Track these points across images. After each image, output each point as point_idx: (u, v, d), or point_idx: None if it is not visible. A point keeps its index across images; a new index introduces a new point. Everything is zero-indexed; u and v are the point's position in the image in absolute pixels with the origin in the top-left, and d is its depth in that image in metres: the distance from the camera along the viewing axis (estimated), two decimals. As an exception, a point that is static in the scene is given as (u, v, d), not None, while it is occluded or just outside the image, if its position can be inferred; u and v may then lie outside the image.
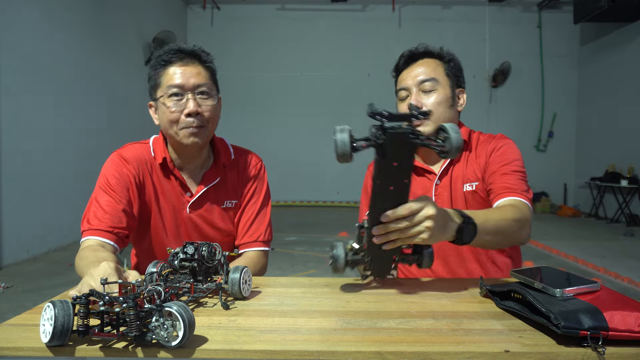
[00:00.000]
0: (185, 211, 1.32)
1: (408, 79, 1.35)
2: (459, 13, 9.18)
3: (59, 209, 5.03)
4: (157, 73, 1.26)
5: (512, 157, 1.30)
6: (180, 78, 1.23)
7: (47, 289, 3.49)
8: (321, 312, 0.88)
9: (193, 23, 9.35)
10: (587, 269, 4.37)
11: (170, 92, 1.22)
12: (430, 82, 1.32)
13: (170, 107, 1.22)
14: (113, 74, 6.28)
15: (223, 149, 1.38)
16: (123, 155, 1.30)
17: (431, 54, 1.37)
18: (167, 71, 1.24)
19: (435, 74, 1.33)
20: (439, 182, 1.36)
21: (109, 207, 1.21)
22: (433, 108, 1.31)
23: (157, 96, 1.26)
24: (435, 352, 0.70)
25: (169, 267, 0.96)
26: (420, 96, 1.32)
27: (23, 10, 4.46)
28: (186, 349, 0.70)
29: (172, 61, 1.25)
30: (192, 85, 1.23)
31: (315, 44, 9.22)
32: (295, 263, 4.46)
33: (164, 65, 1.25)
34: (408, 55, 1.38)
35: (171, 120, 1.23)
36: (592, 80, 8.61)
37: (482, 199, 1.32)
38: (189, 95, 1.23)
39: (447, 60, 1.36)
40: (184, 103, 1.22)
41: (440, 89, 1.32)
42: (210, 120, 1.27)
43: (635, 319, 0.73)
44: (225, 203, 1.36)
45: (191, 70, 1.24)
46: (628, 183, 6.98)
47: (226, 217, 1.37)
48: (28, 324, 0.80)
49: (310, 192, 9.17)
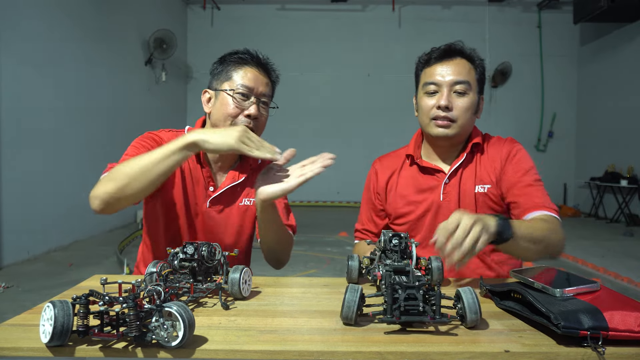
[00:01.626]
0: (205, 205, 1.34)
1: (440, 75, 1.30)
2: (459, 13, 9.17)
3: (59, 209, 5.02)
4: (230, 68, 1.30)
5: (528, 165, 1.32)
6: (254, 82, 1.28)
7: (47, 289, 3.49)
8: (321, 312, 0.88)
9: (193, 23, 9.35)
10: (587, 269, 4.37)
11: (239, 90, 1.27)
12: (464, 84, 1.29)
13: (234, 103, 1.26)
14: (113, 74, 6.27)
15: None
16: (157, 134, 1.33)
17: (465, 54, 1.33)
18: (243, 69, 1.29)
19: (469, 77, 1.30)
20: (447, 181, 1.36)
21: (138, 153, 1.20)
22: (462, 112, 1.29)
23: (221, 87, 1.29)
24: (435, 352, 0.70)
25: (168, 267, 0.96)
26: (452, 97, 1.29)
27: (23, 10, 4.46)
28: (186, 349, 0.70)
29: (249, 62, 1.30)
30: (260, 92, 1.29)
31: (315, 44, 9.22)
32: (295, 263, 4.46)
33: (239, 64, 1.30)
34: (444, 50, 1.32)
35: (230, 115, 1.27)
36: (592, 80, 8.61)
37: (492, 202, 1.33)
38: (254, 100, 1.28)
39: (477, 64, 1.34)
40: (247, 104, 1.27)
41: (471, 94, 1.30)
42: (261, 128, 1.33)
43: (635, 319, 0.73)
44: (243, 201, 1.38)
45: (263, 78, 1.31)
46: (628, 183, 6.98)
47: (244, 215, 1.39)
48: (28, 324, 0.80)
49: (310, 192, 9.16)
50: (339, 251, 5.06)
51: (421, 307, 0.76)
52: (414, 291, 0.77)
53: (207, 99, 1.34)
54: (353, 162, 9.01)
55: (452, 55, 1.32)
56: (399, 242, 1.01)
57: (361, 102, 9.19)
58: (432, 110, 1.31)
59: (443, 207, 1.35)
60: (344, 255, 4.73)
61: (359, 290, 0.81)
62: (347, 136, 9.17)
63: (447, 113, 1.29)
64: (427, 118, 1.33)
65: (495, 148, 1.37)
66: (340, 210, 8.80)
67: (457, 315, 0.81)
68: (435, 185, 1.37)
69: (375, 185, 1.48)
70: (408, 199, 1.40)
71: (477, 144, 1.37)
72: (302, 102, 9.20)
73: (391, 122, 8.81)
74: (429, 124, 1.32)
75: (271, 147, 1.12)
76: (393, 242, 1.01)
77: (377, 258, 1.05)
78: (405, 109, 8.08)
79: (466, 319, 0.78)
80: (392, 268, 0.89)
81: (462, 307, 0.79)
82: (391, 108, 8.94)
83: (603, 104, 8.18)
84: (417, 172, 1.41)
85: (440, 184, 1.36)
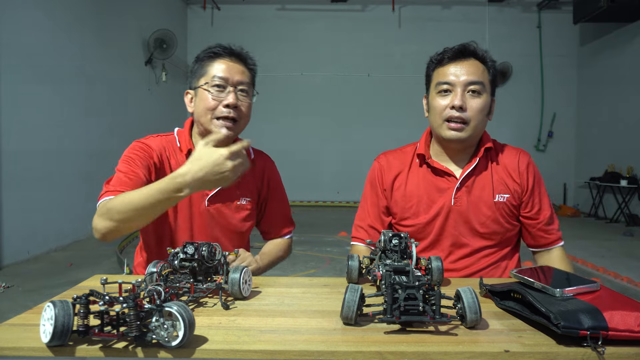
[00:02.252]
0: (204, 204, 1.34)
1: (454, 75, 1.28)
2: (459, 13, 9.17)
3: (59, 209, 5.03)
4: (204, 63, 1.31)
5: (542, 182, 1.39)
6: (227, 72, 1.28)
7: (48, 289, 3.49)
8: (321, 312, 0.88)
9: (193, 23, 9.34)
10: (587, 269, 4.37)
11: (214, 83, 1.27)
12: (478, 85, 1.27)
13: (210, 96, 1.27)
14: (113, 74, 6.27)
15: None
16: (145, 142, 1.33)
17: (479, 55, 1.31)
18: (215, 63, 1.29)
19: (483, 77, 1.29)
20: (460, 185, 1.33)
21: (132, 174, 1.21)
22: (476, 113, 1.27)
23: (198, 84, 1.30)
24: (435, 352, 0.71)
25: (169, 267, 0.96)
26: (465, 97, 1.26)
27: (23, 10, 4.46)
28: (186, 349, 0.70)
29: (221, 55, 1.30)
30: (236, 81, 1.29)
31: (315, 44, 9.22)
32: (295, 263, 4.46)
33: (212, 58, 1.30)
34: (459, 50, 1.30)
35: (208, 108, 1.27)
36: (591, 80, 8.60)
37: (509, 210, 1.34)
38: (231, 89, 1.28)
39: (490, 66, 1.32)
40: (224, 95, 1.27)
41: (485, 95, 1.28)
42: (244, 117, 1.32)
43: (635, 318, 0.73)
44: (240, 199, 1.40)
45: (237, 67, 1.31)
46: (627, 183, 6.97)
47: (240, 214, 1.40)
48: (28, 324, 0.80)
49: (310, 192, 9.16)
50: (339, 251, 5.06)
51: (421, 307, 0.76)
52: (414, 291, 0.77)
53: (189, 100, 1.35)
54: (353, 162, 9.02)
55: (466, 55, 1.30)
56: (399, 242, 1.01)
57: (361, 102, 9.19)
58: (445, 111, 1.28)
59: (454, 211, 1.32)
60: (344, 255, 4.73)
61: (359, 290, 0.81)
62: (347, 136, 9.17)
63: (461, 113, 1.26)
64: (440, 119, 1.29)
65: (510, 158, 1.37)
66: (340, 210, 8.80)
67: (457, 315, 0.81)
68: (446, 188, 1.34)
69: (381, 181, 1.42)
70: (419, 200, 1.36)
71: (490, 148, 1.36)
72: (302, 102, 9.21)
73: (391, 122, 8.81)
74: (441, 125, 1.29)
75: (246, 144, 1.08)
76: (393, 242, 1.01)
77: (377, 258, 1.05)
78: (406, 109, 8.10)
79: (466, 319, 0.78)
80: (392, 268, 0.89)
81: (462, 307, 0.79)
82: (391, 108, 8.94)
83: (603, 104, 8.18)
84: (428, 172, 1.37)
85: (452, 187, 1.33)
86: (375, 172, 1.44)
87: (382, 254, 1.04)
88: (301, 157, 9.15)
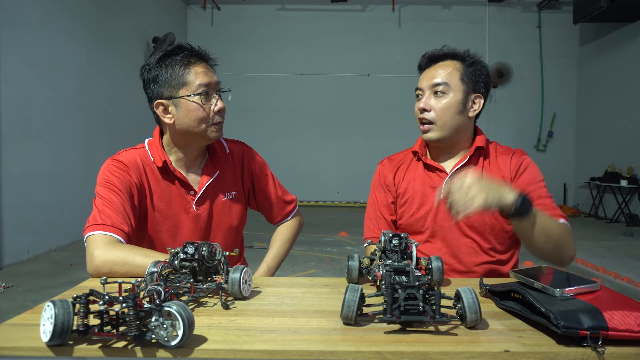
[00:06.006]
0: (192, 209, 1.33)
1: (424, 80, 1.38)
2: (459, 13, 9.17)
3: (59, 209, 5.02)
4: (179, 71, 1.24)
5: (539, 177, 1.35)
6: (207, 76, 1.26)
7: (48, 289, 3.49)
8: (321, 312, 0.88)
9: (193, 23, 9.34)
10: (587, 269, 4.37)
11: (201, 91, 1.24)
12: (442, 86, 1.33)
13: (202, 106, 1.24)
14: (113, 74, 6.27)
15: (217, 142, 1.41)
16: (120, 160, 1.28)
17: (453, 56, 1.37)
18: (192, 69, 1.25)
19: (449, 78, 1.34)
20: (449, 180, 1.36)
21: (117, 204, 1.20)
22: (440, 113, 1.33)
23: (178, 95, 1.24)
24: (435, 352, 0.70)
25: (169, 267, 0.96)
26: (430, 99, 1.35)
27: (23, 10, 4.46)
28: (186, 349, 0.70)
29: (193, 59, 1.27)
30: (215, 82, 1.27)
31: (315, 44, 9.21)
32: (295, 263, 4.46)
33: (187, 65, 1.25)
34: (429, 57, 1.40)
35: (202, 119, 1.25)
36: (591, 80, 8.60)
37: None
38: (215, 94, 1.27)
39: (469, 63, 1.36)
40: (212, 102, 1.27)
41: (452, 94, 1.33)
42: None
43: (635, 318, 0.73)
44: (226, 195, 1.40)
45: (210, 68, 1.30)
46: (627, 183, 6.97)
47: (229, 210, 1.40)
48: (28, 324, 0.80)
49: (310, 192, 9.16)
50: (339, 251, 5.06)
51: (421, 306, 0.76)
52: (414, 291, 0.77)
53: (163, 110, 1.27)
54: (353, 162, 9.02)
55: (437, 59, 1.39)
56: (399, 242, 1.01)
57: (361, 102, 9.19)
58: (418, 114, 1.38)
59: (442, 206, 1.36)
60: (344, 255, 4.73)
61: (359, 290, 0.81)
62: (347, 136, 9.17)
63: (426, 115, 1.35)
64: (418, 122, 1.40)
65: (504, 158, 1.39)
66: (340, 210, 8.80)
67: (457, 315, 0.81)
68: (437, 184, 1.40)
69: (384, 180, 1.49)
70: (414, 195, 1.42)
71: (482, 147, 1.39)
72: (302, 102, 9.20)
73: (391, 122, 8.82)
74: (419, 127, 1.40)
75: None
76: (393, 242, 1.02)
77: (377, 258, 1.05)
78: (406, 109, 8.09)
79: (466, 319, 0.78)
80: (392, 268, 0.89)
81: (462, 307, 0.79)
82: (391, 108, 8.94)
83: (603, 104, 8.18)
84: (422, 169, 1.45)
85: (442, 183, 1.38)
86: (379, 173, 1.52)
87: (382, 254, 1.04)
88: (301, 157, 9.15)
